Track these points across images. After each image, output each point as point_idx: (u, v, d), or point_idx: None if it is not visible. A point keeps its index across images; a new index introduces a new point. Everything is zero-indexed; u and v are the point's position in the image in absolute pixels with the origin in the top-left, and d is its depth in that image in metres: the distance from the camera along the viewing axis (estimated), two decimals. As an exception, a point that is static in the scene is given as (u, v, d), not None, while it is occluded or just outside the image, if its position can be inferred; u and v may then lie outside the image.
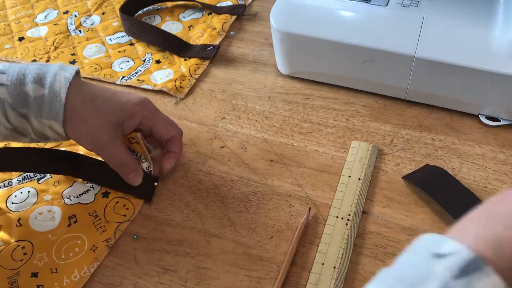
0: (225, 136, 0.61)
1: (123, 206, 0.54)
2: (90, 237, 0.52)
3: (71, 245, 0.51)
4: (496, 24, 0.57)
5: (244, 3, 0.82)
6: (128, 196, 0.55)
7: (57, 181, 0.57)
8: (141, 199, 0.55)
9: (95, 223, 0.53)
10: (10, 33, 0.79)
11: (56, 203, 0.55)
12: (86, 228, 0.52)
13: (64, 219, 0.53)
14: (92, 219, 0.53)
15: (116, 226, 0.52)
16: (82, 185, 0.56)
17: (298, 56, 0.65)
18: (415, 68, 0.58)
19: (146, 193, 0.55)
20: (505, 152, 0.57)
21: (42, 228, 0.52)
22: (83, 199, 0.55)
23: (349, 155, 0.58)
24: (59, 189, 0.56)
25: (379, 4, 0.62)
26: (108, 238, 0.52)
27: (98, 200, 0.55)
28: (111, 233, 0.52)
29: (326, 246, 0.49)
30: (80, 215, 0.53)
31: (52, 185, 0.57)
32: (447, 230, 0.32)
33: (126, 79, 0.70)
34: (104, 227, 0.52)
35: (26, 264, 0.49)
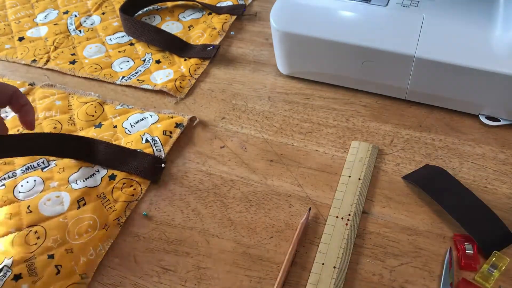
0: (225, 136, 0.61)
1: (130, 186, 0.56)
2: (101, 217, 0.53)
3: (83, 226, 0.52)
4: (496, 24, 0.57)
5: (244, 3, 0.82)
6: (134, 177, 0.57)
7: (61, 169, 0.58)
8: (149, 180, 0.57)
9: (104, 204, 0.55)
10: (10, 33, 0.79)
11: (64, 188, 0.56)
12: (96, 209, 0.54)
13: (73, 202, 0.55)
14: (100, 201, 0.55)
15: (125, 206, 0.54)
16: (88, 169, 0.58)
17: (298, 56, 0.65)
18: (415, 68, 0.58)
19: (154, 174, 0.57)
20: (505, 152, 0.57)
21: (52, 212, 0.54)
22: (89, 183, 0.57)
23: (349, 155, 0.58)
24: (65, 175, 0.58)
25: (379, 4, 0.62)
26: (118, 217, 0.53)
27: (105, 182, 0.57)
28: (121, 212, 0.54)
29: (326, 246, 0.49)
30: (88, 197, 0.55)
31: (57, 172, 0.58)
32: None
33: (126, 79, 0.70)
34: (114, 206, 0.54)
35: (41, 247, 0.51)
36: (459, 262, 0.48)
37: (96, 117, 0.64)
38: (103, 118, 0.64)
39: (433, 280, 0.47)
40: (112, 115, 0.65)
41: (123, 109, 0.65)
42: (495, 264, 0.47)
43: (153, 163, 0.57)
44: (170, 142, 0.60)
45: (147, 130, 0.62)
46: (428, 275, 0.47)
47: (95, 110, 0.65)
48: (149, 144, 0.60)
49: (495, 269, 0.46)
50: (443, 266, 0.48)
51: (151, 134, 0.61)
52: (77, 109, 0.66)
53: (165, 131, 0.61)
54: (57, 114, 0.65)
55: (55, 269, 0.49)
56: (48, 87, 0.69)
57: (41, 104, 0.67)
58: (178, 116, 0.63)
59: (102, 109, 0.65)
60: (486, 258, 0.48)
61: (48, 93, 0.68)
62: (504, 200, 0.53)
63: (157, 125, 0.62)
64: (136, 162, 0.57)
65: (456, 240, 0.49)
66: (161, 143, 0.60)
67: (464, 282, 0.46)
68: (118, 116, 0.64)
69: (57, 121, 0.64)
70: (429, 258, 0.48)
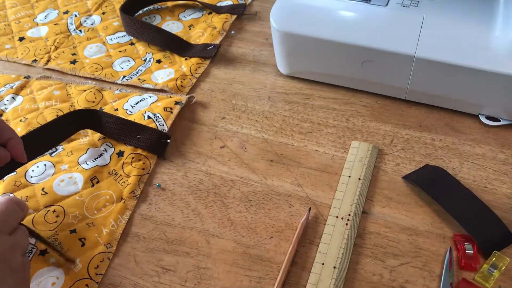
0: (225, 136, 0.61)
1: (139, 160, 0.58)
2: (116, 192, 0.56)
3: (101, 201, 0.55)
4: (496, 24, 0.57)
5: (244, 3, 0.82)
6: (141, 151, 0.59)
7: (69, 152, 0.60)
8: (155, 154, 0.59)
9: (117, 179, 0.57)
10: (11, 33, 0.79)
11: (75, 169, 0.58)
12: (110, 185, 0.56)
13: (86, 181, 0.57)
14: (113, 177, 0.57)
15: (138, 179, 0.57)
16: (96, 150, 0.60)
17: (298, 56, 0.65)
18: (415, 68, 0.58)
19: (160, 149, 0.59)
20: (505, 152, 0.57)
21: (67, 192, 0.56)
22: (99, 162, 0.59)
23: (349, 155, 0.58)
24: (74, 158, 0.59)
25: (379, 4, 0.62)
26: (133, 190, 0.56)
27: (114, 160, 0.59)
28: (135, 185, 0.56)
29: (326, 246, 0.49)
30: (100, 175, 0.57)
31: (66, 156, 0.60)
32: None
33: (127, 79, 0.70)
34: (127, 181, 0.56)
35: (62, 224, 0.53)
36: (459, 262, 0.48)
37: (97, 102, 0.66)
38: (103, 103, 0.66)
39: (433, 280, 0.47)
40: (112, 100, 0.66)
41: (122, 93, 0.67)
42: (495, 264, 0.47)
43: (159, 138, 0.59)
44: (172, 117, 0.63)
45: (148, 108, 0.64)
46: (428, 275, 0.47)
47: (95, 97, 0.67)
48: (151, 120, 0.62)
49: (495, 269, 0.46)
50: (443, 266, 0.48)
51: (152, 111, 0.63)
52: (76, 97, 0.67)
53: (166, 107, 0.63)
54: (57, 103, 0.67)
55: (79, 242, 0.51)
56: (45, 79, 0.70)
57: (39, 95, 0.68)
58: (176, 96, 0.65)
59: (102, 95, 0.67)
60: (486, 258, 0.48)
61: (45, 84, 0.69)
62: (504, 200, 0.53)
63: (157, 104, 0.64)
64: (143, 137, 0.59)
65: (456, 240, 0.49)
66: (163, 118, 0.62)
67: (464, 282, 0.46)
68: (118, 100, 0.66)
69: (58, 109, 0.65)
70: (429, 258, 0.48)
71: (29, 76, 0.71)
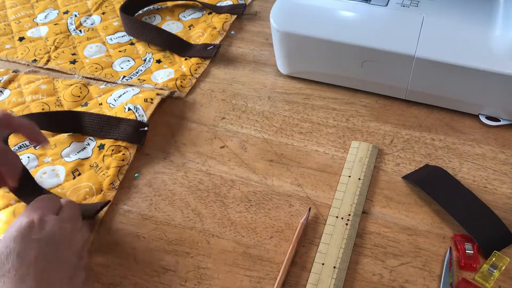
0: (225, 136, 0.61)
1: (118, 152, 0.59)
2: (96, 184, 0.56)
3: (81, 194, 0.56)
4: (496, 24, 0.57)
5: (244, 3, 0.82)
6: (121, 142, 0.60)
7: (53, 145, 0.61)
8: (134, 143, 0.60)
9: (98, 172, 0.58)
10: (11, 33, 0.79)
11: (58, 162, 0.59)
12: (90, 178, 0.57)
13: (68, 174, 0.58)
14: (94, 170, 0.58)
15: (117, 170, 0.57)
16: (79, 144, 0.61)
17: (298, 56, 0.65)
18: (415, 68, 0.58)
19: (138, 138, 0.60)
20: (505, 152, 0.57)
21: (50, 184, 0.57)
22: (82, 155, 0.60)
23: (349, 155, 0.58)
24: (57, 150, 0.60)
25: (379, 4, 0.62)
26: (113, 181, 0.56)
27: (96, 153, 0.60)
28: (114, 176, 0.57)
29: (326, 246, 0.49)
30: (82, 168, 0.58)
31: (50, 148, 0.61)
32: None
33: (127, 79, 0.70)
34: (107, 173, 0.57)
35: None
36: (459, 262, 0.48)
37: (82, 97, 0.67)
38: (88, 98, 0.67)
39: (433, 280, 0.47)
40: (97, 94, 0.67)
41: (107, 88, 0.68)
42: (495, 264, 0.47)
43: (136, 128, 0.60)
44: (152, 107, 0.63)
45: (129, 100, 0.65)
46: (428, 275, 0.47)
47: (81, 91, 0.67)
48: (131, 111, 0.63)
49: (495, 269, 0.46)
50: (443, 266, 0.48)
51: (133, 103, 0.64)
52: (62, 91, 0.68)
53: (146, 98, 0.64)
54: (44, 97, 0.67)
55: None
56: (33, 73, 0.71)
57: (27, 89, 0.68)
58: (159, 90, 0.66)
59: (87, 90, 0.68)
60: (486, 258, 0.48)
61: (33, 78, 0.70)
62: (504, 200, 0.53)
63: (139, 95, 0.65)
64: (120, 128, 0.60)
65: (456, 240, 0.49)
66: (143, 109, 0.63)
67: (464, 282, 0.46)
68: (103, 94, 0.67)
69: (44, 103, 0.66)
70: (429, 258, 0.48)
71: (17, 70, 0.72)
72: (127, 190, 0.56)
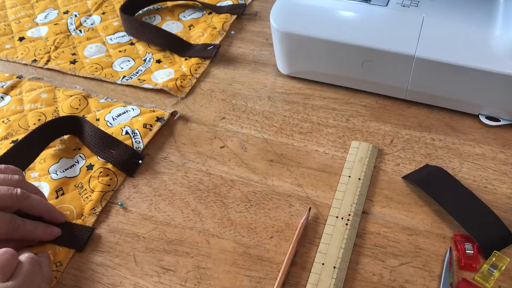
0: (225, 136, 0.61)
1: (106, 176, 0.57)
2: (77, 207, 0.55)
3: None
4: (496, 24, 0.57)
5: (244, 3, 0.82)
6: (111, 167, 0.58)
7: (43, 159, 0.60)
8: (124, 173, 0.58)
9: (81, 193, 0.56)
10: (11, 33, 0.79)
11: (44, 178, 0.58)
12: (73, 199, 0.55)
13: (52, 192, 0.56)
14: (78, 190, 0.56)
15: (101, 195, 0.55)
16: (68, 160, 0.59)
17: (298, 56, 0.65)
18: (415, 68, 0.58)
19: (130, 168, 0.58)
20: (505, 152, 0.57)
21: None
22: (69, 173, 0.58)
23: (349, 155, 0.58)
24: (45, 165, 0.59)
25: (379, 4, 0.62)
26: (94, 207, 0.54)
27: (83, 172, 0.58)
28: (97, 202, 0.55)
29: (326, 246, 0.49)
30: (66, 187, 0.56)
31: (38, 162, 0.59)
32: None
33: (127, 79, 0.70)
34: (90, 196, 0.55)
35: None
36: (459, 262, 0.48)
37: (80, 110, 0.66)
38: (86, 111, 0.66)
39: (433, 280, 0.47)
40: (95, 108, 0.66)
41: (107, 102, 0.66)
42: (495, 264, 0.47)
43: (131, 157, 0.58)
44: (150, 135, 0.61)
45: (128, 123, 0.63)
46: (428, 275, 0.47)
47: (79, 103, 0.66)
48: (128, 136, 0.61)
49: (495, 269, 0.46)
50: (443, 266, 0.48)
51: (131, 127, 0.62)
52: (62, 102, 0.67)
53: (146, 124, 0.62)
54: (43, 106, 0.67)
55: None
56: (36, 80, 0.71)
57: (27, 97, 0.68)
58: (160, 110, 0.64)
59: (87, 102, 0.67)
60: (486, 258, 0.48)
61: (35, 86, 0.70)
62: (504, 200, 0.53)
63: (138, 118, 0.63)
64: (116, 152, 0.58)
65: (456, 240, 0.49)
66: (140, 136, 0.61)
67: (464, 282, 0.46)
68: (102, 110, 0.66)
69: (41, 113, 0.65)
70: (429, 258, 0.48)
71: (21, 76, 0.71)
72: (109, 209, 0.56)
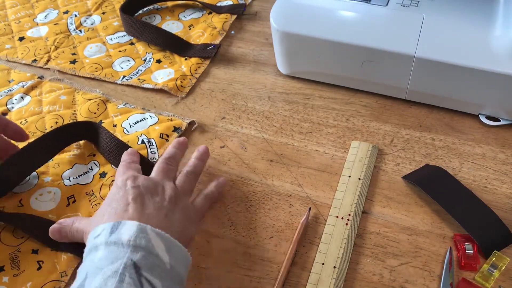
0: (225, 136, 0.62)
1: None
2: (86, 215, 0.54)
3: None
4: (496, 24, 0.57)
5: (244, 3, 0.82)
6: None
7: (57, 164, 0.59)
8: None
9: (91, 200, 0.55)
10: (11, 33, 0.79)
11: (56, 184, 0.57)
12: (83, 207, 0.55)
13: (63, 199, 0.55)
14: (88, 198, 0.55)
15: None
16: (82, 167, 0.59)
17: (298, 56, 0.65)
18: (415, 68, 0.58)
19: None
20: (505, 152, 0.57)
21: (42, 207, 0.55)
22: (82, 180, 0.57)
23: (349, 155, 0.58)
24: (59, 171, 0.58)
25: (379, 4, 0.62)
26: None
27: (96, 180, 0.57)
28: None
29: (326, 246, 0.49)
30: (78, 195, 0.56)
31: (52, 167, 0.59)
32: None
33: (127, 79, 0.70)
34: (99, 204, 0.54)
35: (27, 241, 0.51)
36: (459, 262, 0.48)
37: (98, 114, 0.65)
38: (104, 116, 0.65)
39: (433, 280, 0.47)
40: (113, 114, 0.65)
41: (125, 108, 0.65)
42: (495, 264, 0.47)
43: (144, 167, 0.54)
44: (165, 146, 0.60)
45: (145, 131, 0.62)
46: (428, 275, 0.47)
47: (98, 108, 0.65)
48: (144, 145, 0.60)
49: (495, 269, 0.46)
50: (443, 266, 0.48)
51: (148, 135, 0.61)
52: (80, 105, 0.66)
53: (162, 134, 0.61)
54: (61, 109, 0.66)
55: (37, 265, 0.50)
56: (56, 81, 0.70)
57: (47, 98, 0.67)
58: (178, 120, 0.63)
59: (105, 107, 0.66)
60: (486, 258, 0.48)
61: (55, 87, 0.69)
62: (504, 200, 0.53)
63: (155, 127, 0.62)
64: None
65: (456, 240, 0.49)
66: (156, 146, 0.60)
67: (464, 282, 0.46)
68: (120, 115, 0.64)
69: (59, 116, 0.65)
70: (429, 258, 0.48)
71: (42, 77, 0.71)
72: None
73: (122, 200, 0.46)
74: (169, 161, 0.53)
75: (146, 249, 0.40)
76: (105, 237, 0.41)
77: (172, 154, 0.54)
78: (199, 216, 0.51)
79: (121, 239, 0.40)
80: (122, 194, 0.47)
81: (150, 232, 0.41)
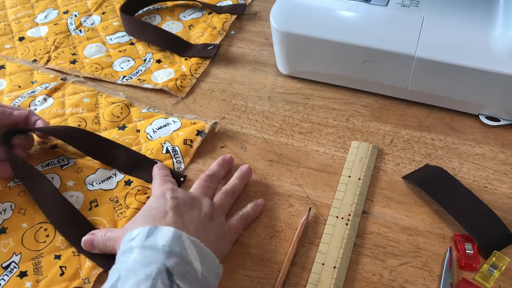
0: (225, 136, 0.61)
1: (144, 194, 0.55)
2: (110, 222, 0.53)
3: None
4: (496, 24, 0.57)
5: (244, 3, 0.82)
6: (150, 185, 0.56)
7: (80, 168, 0.58)
8: None
9: (116, 207, 0.54)
10: (11, 33, 0.79)
11: (79, 188, 0.56)
12: (106, 213, 0.54)
13: (85, 203, 0.55)
14: (113, 204, 0.55)
15: (135, 213, 0.52)
16: (106, 172, 0.58)
17: (298, 56, 0.65)
18: (415, 68, 0.58)
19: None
20: (505, 152, 0.57)
21: None
22: (105, 185, 0.57)
23: (349, 155, 0.58)
24: (82, 175, 0.58)
25: (379, 4, 0.62)
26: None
27: (120, 187, 0.56)
28: (131, 218, 0.51)
29: (326, 246, 0.49)
30: (101, 200, 0.55)
31: (76, 171, 0.58)
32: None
33: (127, 79, 0.70)
34: (125, 212, 0.54)
35: (49, 246, 0.51)
36: (459, 262, 0.48)
37: (121, 118, 0.64)
38: (127, 121, 0.64)
39: (433, 280, 0.47)
40: (137, 118, 0.64)
41: (149, 113, 0.64)
42: (495, 264, 0.47)
43: (174, 176, 0.56)
44: (190, 153, 0.59)
45: (169, 137, 0.61)
46: (428, 275, 0.47)
47: (121, 112, 0.65)
48: (169, 155, 0.59)
49: (495, 269, 0.46)
50: (443, 266, 0.48)
51: (172, 142, 0.60)
52: (104, 108, 0.65)
53: (186, 139, 0.60)
54: (84, 112, 0.65)
55: (59, 270, 0.49)
56: (79, 84, 0.69)
57: (69, 100, 0.67)
58: (201, 122, 0.62)
59: (128, 111, 0.65)
60: (486, 258, 0.48)
61: (78, 89, 0.68)
62: (504, 200, 0.53)
63: (179, 133, 0.61)
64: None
65: (456, 240, 0.49)
66: (181, 154, 0.59)
67: (464, 282, 0.46)
68: (143, 120, 0.64)
69: (82, 119, 0.64)
70: (429, 258, 0.48)
71: (65, 78, 0.70)
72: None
73: (160, 208, 0.47)
74: (209, 178, 0.54)
75: (180, 256, 0.40)
76: (140, 240, 0.41)
77: (214, 172, 0.55)
78: (233, 236, 0.50)
79: (157, 244, 0.41)
80: (161, 203, 0.48)
81: (185, 239, 0.42)
